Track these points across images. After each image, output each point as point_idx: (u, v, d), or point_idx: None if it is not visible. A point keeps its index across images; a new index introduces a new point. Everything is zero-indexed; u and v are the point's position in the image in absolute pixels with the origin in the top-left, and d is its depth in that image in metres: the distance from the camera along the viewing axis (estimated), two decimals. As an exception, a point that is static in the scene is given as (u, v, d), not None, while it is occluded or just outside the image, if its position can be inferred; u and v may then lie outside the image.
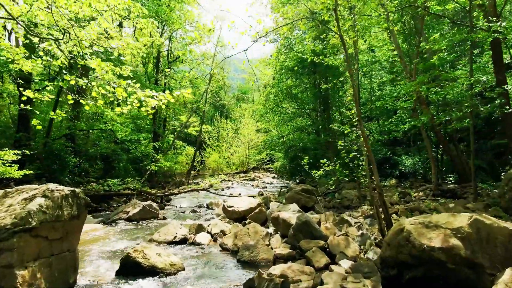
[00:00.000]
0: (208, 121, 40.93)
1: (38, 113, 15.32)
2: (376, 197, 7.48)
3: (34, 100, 16.00)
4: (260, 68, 26.55)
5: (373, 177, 8.23)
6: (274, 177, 28.97)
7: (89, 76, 4.97)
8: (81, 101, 5.05)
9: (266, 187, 22.70)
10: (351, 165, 9.75)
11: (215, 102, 30.89)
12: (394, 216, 9.17)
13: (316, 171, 9.34)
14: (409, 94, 13.07)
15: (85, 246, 7.91)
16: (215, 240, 8.34)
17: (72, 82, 4.85)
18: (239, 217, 9.93)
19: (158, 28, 23.57)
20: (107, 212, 13.22)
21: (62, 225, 5.23)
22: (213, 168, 33.66)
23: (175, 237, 8.22)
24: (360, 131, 7.41)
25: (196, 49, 35.27)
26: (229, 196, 17.17)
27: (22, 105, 7.83)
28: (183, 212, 13.93)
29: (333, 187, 9.70)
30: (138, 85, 4.87)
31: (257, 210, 9.72)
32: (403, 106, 13.69)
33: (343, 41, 7.14)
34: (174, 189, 21.35)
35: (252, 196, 17.41)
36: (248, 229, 7.79)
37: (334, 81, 11.03)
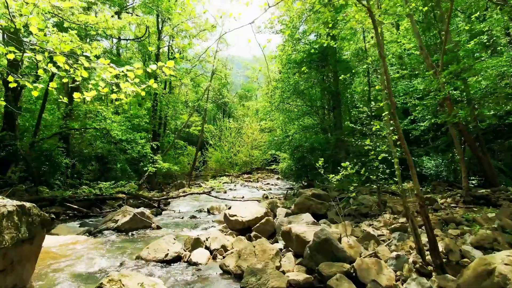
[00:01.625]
0: (210, 121, 39.45)
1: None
2: (412, 208, 5.97)
3: (21, 96, 14.57)
4: (265, 63, 25.02)
5: (404, 183, 6.75)
6: (278, 178, 27.48)
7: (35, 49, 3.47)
8: (27, 84, 3.58)
9: (270, 189, 21.23)
10: (380, 168, 8.28)
11: (217, 100, 29.38)
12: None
13: (333, 175, 7.80)
14: (432, 89, 11.53)
15: (58, 265, 6.42)
16: (214, 258, 6.84)
17: (11, 57, 3.37)
18: (243, 228, 8.43)
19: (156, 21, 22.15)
20: (99, 218, 11.78)
21: (2, 253, 3.76)
22: (215, 169, 32.18)
23: (166, 254, 6.73)
24: (392, 127, 5.90)
25: (197, 46, 33.86)
26: (231, 200, 15.68)
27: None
28: (182, 218, 12.50)
29: (354, 194, 8.15)
30: (102, 59, 3.38)
31: (263, 221, 8.21)
32: (423, 102, 12.15)
33: (373, 16, 5.62)
34: (174, 191, 19.92)
35: (257, 200, 15.95)
36: (254, 246, 6.28)
37: (352, 71, 9.50)
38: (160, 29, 22.11)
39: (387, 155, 6.70)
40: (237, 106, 37.15)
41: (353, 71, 13.19)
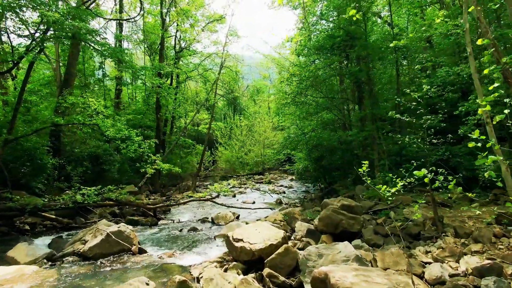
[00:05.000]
0: (221, 119, 36.80)
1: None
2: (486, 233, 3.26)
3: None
4: (279, 51, 22.24)
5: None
6: (292, 180, 24.71)
7: None
8: None
9: (284, 192, 18.53)
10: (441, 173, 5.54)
11: (227, 93, 26.59)
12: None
13: (384, 186, 5.07)
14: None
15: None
16: (206, 316, 4.20)
17: None
18: (253, 260, 5.75)
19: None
20: (79, 231, 9.23)
21: None
22: (225, 169, 29.57)
23: (131, 313, 4.12)
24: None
25: (205, 39, 31.32)
26: (240, 207, 13.05)
27: None
28: (180, 231, 10.05)
29: (419, 215, 5.40)
30: None
31: (281, 250, 5.51)
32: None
33: None
34: (177, 195, 17.41)
35: (270, 208, 13.30)
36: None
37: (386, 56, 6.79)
38: (164, 17, 19.53)
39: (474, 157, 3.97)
40: (248, 101, 34.36)
41: (387, 53, 10.51)
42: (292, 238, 8.11)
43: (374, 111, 11.03)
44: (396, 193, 4.88)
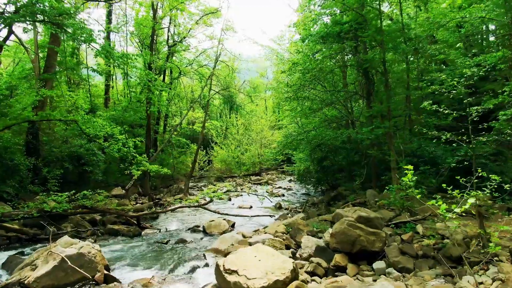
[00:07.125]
0: (217, 118, 35.03)
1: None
2: None
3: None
4: (279, 42, 20.56)
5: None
6: (291, 181, 23.09)
7: None
8: None
9: (283, 195, 16.91)
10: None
11: (222, 91, 24.78)
12: None
13: (441, 203, 3.45)
14: None
15: None
16: None
17: None
18: (250, 302, 4.10)
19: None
20: (46, 245, 7.52)
21: None
22: (221, 169, 27.84)
23: None
24: None
25: (200, 34, 29.52)
26: (235, 214, 11.39)
27: None
28: (165, 243, 8.51)
29: (496, 239, 3.80)
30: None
31: (290, 290, 3.89)
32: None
33: None
34: (168, 198, 15.73)
35: (269, 215, 11.67)
36: None
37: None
38: (155, 8, 17.79)
39: None
40: (245, 98, 32.71)
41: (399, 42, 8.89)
42: (297, 255, 6.54)
43: (392, 105, 9.39)
44: (456, 215, 3.28)
